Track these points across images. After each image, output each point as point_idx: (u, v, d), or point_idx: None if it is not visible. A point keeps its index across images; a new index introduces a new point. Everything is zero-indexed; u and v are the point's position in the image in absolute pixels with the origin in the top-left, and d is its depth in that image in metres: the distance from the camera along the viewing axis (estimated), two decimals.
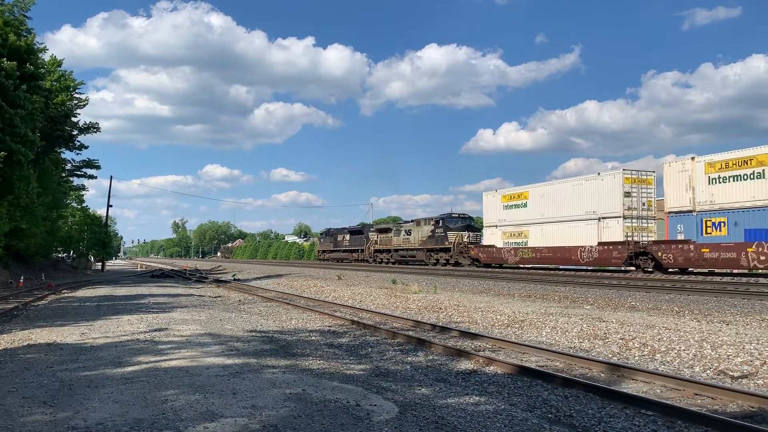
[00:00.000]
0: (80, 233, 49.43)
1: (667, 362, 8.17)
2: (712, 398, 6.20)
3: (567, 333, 10.52)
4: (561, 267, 32.64)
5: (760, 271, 22.41)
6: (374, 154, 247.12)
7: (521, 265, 34.83)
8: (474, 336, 10.32)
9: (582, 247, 29.49)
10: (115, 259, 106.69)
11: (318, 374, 7.05)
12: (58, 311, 14.93)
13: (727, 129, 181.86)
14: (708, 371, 7.58)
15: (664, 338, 9.33)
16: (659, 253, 25.40)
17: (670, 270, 25.44)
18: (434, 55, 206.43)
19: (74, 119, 39.87)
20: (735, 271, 23.50)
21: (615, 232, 28.36)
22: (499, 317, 12.63)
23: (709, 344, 8.70)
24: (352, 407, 5.50)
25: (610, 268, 29.21)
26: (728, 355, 8.07)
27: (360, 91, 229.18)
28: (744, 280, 20.60)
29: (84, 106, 39.83)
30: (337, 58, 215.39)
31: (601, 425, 5.37)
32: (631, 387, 6.78)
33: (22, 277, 27.20)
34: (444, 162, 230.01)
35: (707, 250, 23.28)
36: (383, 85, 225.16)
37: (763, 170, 22.14)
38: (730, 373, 7.33)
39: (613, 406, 5.93)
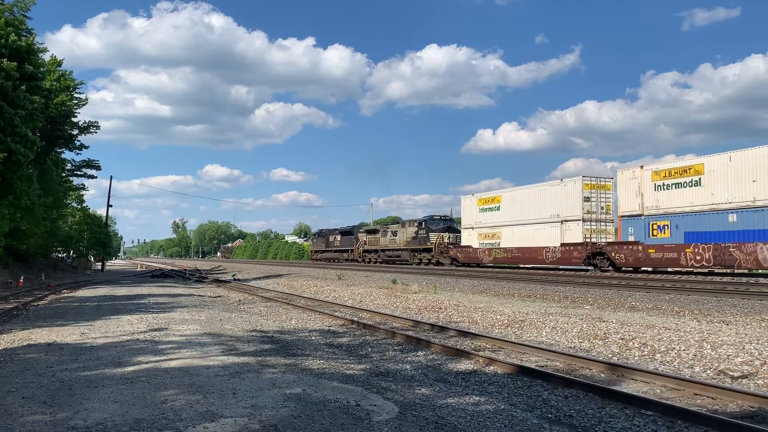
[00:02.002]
0: (80, 233, 49.40)
1: (667, 362, 8.16)
2: (712, 398, 6.20)
3: (567, 333, 10.52)
4: (529, 266, 34.67)
5: (696, 270, 24.25)
6: (374, 155, 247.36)
7: (495, 264, 36.84)
8: (474, 336, 10.31)
9: (547, 247, 31.70)
10: (115, 259, 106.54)
11: (318, 374, 7.05)
12: (58, 311, 14.93)
13: (726, 129, 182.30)
14: (708, 371, 7.57)
15: (664, 338, 9.33)
16: (613, 254, 27.52)
17: (623, 268, 27.28)
18: (434, 56, 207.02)
19: (74, 119, 39.89)
20: (676, 269, 25.63)
21: (575, 234, 30.50)
22: (499, 317, 12.63)
23: (709, 344, 8.69)
24: (352, 407, 5.50)
25: (572, 267, 31.35)
26: (728, 355, 8.07)
27: (360, 92, 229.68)
28: (744, 280, 20.61)
29: (83, 105, 39.85)
30: (337, 58, 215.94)
31: (601, 425, 5.36)
32: (631, 387, 6.77)
33: (22, 277, 27.20)
34: (444, 162, 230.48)
35: (653, 250, 25.43)
36: (383, 85, 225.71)
37: (699, 178, 24.31)
38: (730, 373, 7.32)
39: (613, 406, 5.93)
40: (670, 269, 25.94)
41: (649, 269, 26.95)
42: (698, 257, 23.36)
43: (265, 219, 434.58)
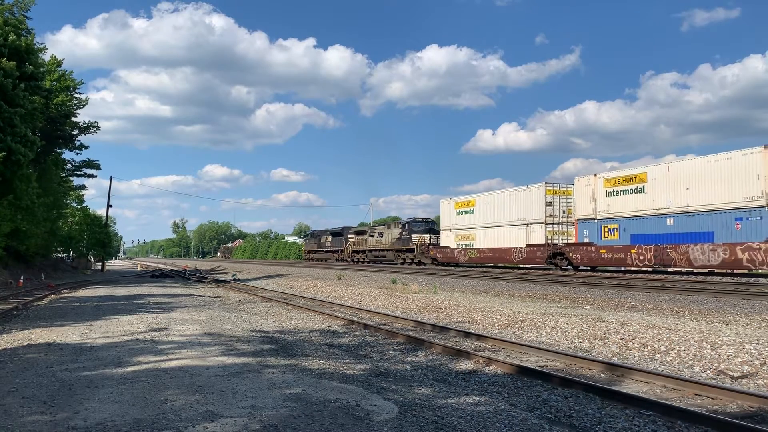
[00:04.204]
0: (80, 233, 49.39)
1: (667, 362, 8.16)
2: (712, 398, 6.20)
3: (567, 333, 10.51)
4: (499, 265, 37.47)
5: (640, 268, 26.83)
6: (374, 155, 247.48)
7: (469, 264, 39.28)
8: (474, 336, 10.31)
9: (514, 248, 34.52)
10: (115, 259, 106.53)
11: (318, 374, 7.05)
12: (58, 311, 14.93)
13: (726, 129, 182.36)
14: (708, 371, 7.57)
15: (664, 338, 9.33)
16: (570, 254, 30.15)
17: (580, 268, 29.99)
18: (435, 56, 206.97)
19: (74, 119, 39.87)
20: (623, 268, 28.36)
21: (539, 236, 33.03)
22: (499, 317, 12.62)
23: (709, 344, 8.69)
24: (352, 407, 5.50)
25: (536, 266, 34.08)
26: (728, 355, 8.07)
27: (360, 92, 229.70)
28: (744, 280, 20.63)
29: (84, 106, 39.84)
30: (337, 59, 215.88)
31: (601, 425, 5.36)
32: (631, 387, 6.77)
33: (22, 277, 27.17)
34: (444, 162, 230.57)
35: (604, 251, 28.18)
36: (383, 85, 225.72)
37: (643, 186, 26.76)
38: (730, 373, 7.32)
39: (613, 406, 5.93)
40: (622, 268, 28.35)
41: (605, 268, 29.27)
42: (642, 257, 25.99)
43: (265, 219, 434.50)
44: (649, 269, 26.84)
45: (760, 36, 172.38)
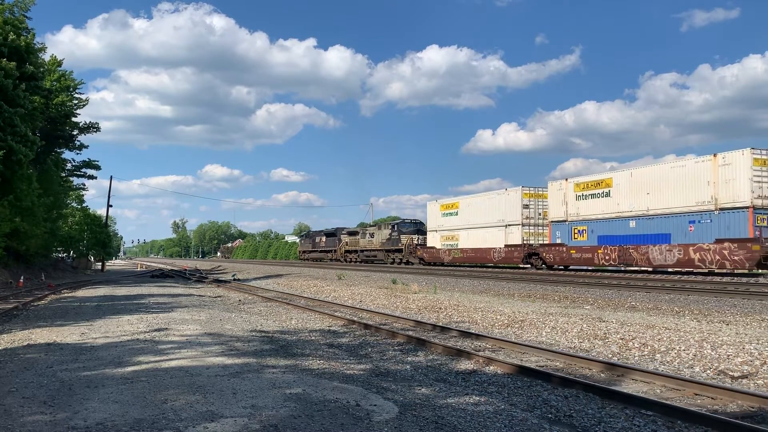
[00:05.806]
0: (80, 233, 49.34)
1: (667, 362, 8.16)
2: (712, 398, 6.20)
3: (567, 333, 10.52)
4: (480, 264, 39.26)
5: (606, 266, 28.72)
6: (374, 155, 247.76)
7: (453, 263, 40.82)
8: (474, 336, 10.32)
9: (494, 248, 36.31)
10: (115, 259, 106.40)
11: (318, 374, 7.05)
12: (58, 311, 14.93)
13: (725, 130, 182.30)
14: (708, 371, 7.57)
15: (664, 338, 9.33)
16: (544, 254, 31.87)
17: (554, 267, 31.56)
18: (435, 57, 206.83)
19: (74, 119, 39.87)
20: (590, 267, 29.87)
21: (516, 237, 34.84)
22: (499, 317, 12.63)
23: (709, 344, 8.69)
24: (352, 407, 5.50)
25: (514, 266, 35.71)
26: (728, 355, 8.07)
27: (360, 92, 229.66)
28: (744, 280, 20.64)
29: (84, 106, 39.84)
30: (338, 59, 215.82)
31: (601, 425, 5.37)
32: (631, 387, 6.77)
33: (22, 277, 27.15)
34: (444, 162, 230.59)
35: (574, 251, 30.00)
36: (383, 86, 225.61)
37: (609, 190, 28.68)
38: (730, 373, 7.32)
39: (613, 406, 5.93)
40: (587, 267, 30.09)
41: (574, 267, 30.96)
42: (607, 257, 27.79)
43: (265, 219, 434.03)
44: (613, 268, 28.75)
45: (760, 36, 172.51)
